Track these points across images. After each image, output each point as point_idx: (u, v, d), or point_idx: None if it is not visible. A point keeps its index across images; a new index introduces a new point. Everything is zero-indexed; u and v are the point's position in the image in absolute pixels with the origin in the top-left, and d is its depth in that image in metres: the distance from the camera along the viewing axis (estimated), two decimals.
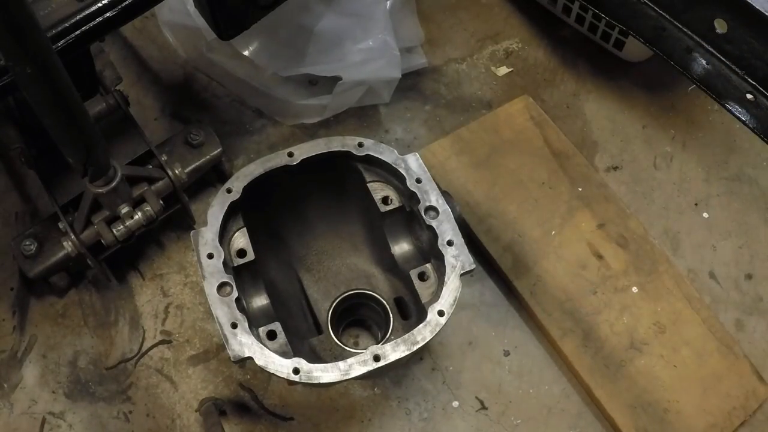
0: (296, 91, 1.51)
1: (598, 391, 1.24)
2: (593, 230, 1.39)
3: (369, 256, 1.27)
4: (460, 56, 1.66)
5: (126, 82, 1.50)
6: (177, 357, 1.29)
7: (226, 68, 1.49)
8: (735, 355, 1.28)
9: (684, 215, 1.48)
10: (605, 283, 1.33)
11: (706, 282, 1.40)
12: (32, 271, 1.22)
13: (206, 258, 1.00)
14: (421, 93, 1.60)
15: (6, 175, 1.46)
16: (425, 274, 1.10)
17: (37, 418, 1.24)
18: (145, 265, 1.38)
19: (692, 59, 1.01)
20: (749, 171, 1.53)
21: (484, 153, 1.46)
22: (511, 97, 1.57)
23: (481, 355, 1.31)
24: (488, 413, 1.26)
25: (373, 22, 1.44)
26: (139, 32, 1.66)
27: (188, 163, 1.32)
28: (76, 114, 0.92)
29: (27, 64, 0.81)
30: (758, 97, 0.95)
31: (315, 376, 0.93)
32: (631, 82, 1.63)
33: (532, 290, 1.32)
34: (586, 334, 1.28)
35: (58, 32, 0.97)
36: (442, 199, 1.07)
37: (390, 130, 1.55)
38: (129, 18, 1.03)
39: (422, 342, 0.96)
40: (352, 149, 1.10)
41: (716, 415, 1.22)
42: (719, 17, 0.95)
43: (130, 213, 1.18)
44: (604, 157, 1.54)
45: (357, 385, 1.27)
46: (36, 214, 1.41)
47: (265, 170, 1.08)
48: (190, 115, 1.55)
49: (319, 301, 1.25)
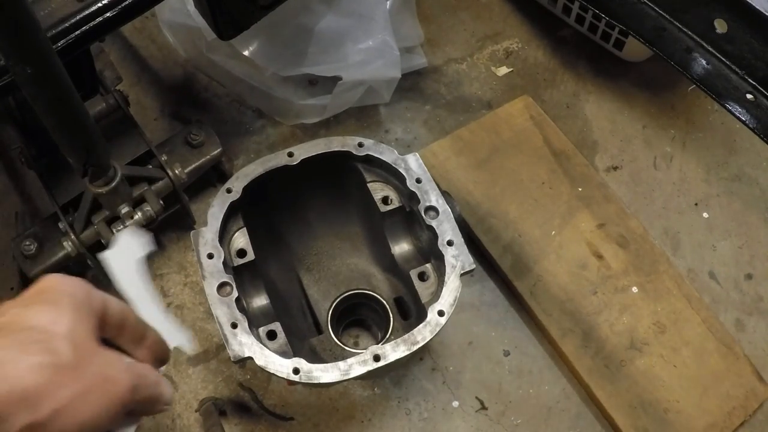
0: (296, 91, 1.51)
1: (598, 391, 1.24)
2: (593, 230, 1.39)
3: (369, 256, 1.27)
4: (460, 56, 1.67)
5: (126, 82, 1.50)
6: (177, 357, 1.29)
7: (226, 68, 1.49)
8: (735, 355, 1.28)
9: (684, 215, 1.48)
10: (605, 283, 1.33)
11: (706, 282, 1.40)
12: (32, 271, 1.22)
13: (206, 258, 1.00)
14: (421, 93, 1.60)
15: (6, 175, 1.46)
16: (425, 274, 1.10)
17: None
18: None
19: (692, 59, 1.01)
20: (749, 171, 1.53)
21: (484, 153, 1.46)
22: (511, 97, 1.57)
23: (481, 355, 1.31)
24: (488, 413, 1.26)
25: (373, 22, 1.44)
26: (139, 32, 1.66)
27: (188, 163, 1.32)
28: (76, 114, 0.92)
29: (27, 64, 0.80)
30: (758, 97, 0.95)
31: (315, 376, 0.92)
32: (631, 82, 1.63)
33: (532, 290, 1.32)
34: (586, 334, 1.28)
35: (58, 32, 0.97)
36: (442, 199, 1.07)
37: (390, 130, 1.55)
38: (129, 18, 1.03)
39: (422, 342, 0.96)
40: (352, 149, 1.10)
41: (716, 415, 1.22)
42: (719, 17, 0.95)
43: (130, 213, 1.18)
44: (604, 157, 1.54)
45: (357, 385, 1.27)
46: (36, 214, 1.41)
47: (265, 170, 1.08)
48: (190, 115, 1.55)
49: (319, 301, 1.25)
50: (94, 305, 0.58)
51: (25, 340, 0.52)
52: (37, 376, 0.50)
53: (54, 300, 0.56)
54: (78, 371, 0.53)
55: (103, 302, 0.59)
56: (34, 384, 0.50)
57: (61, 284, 0.58)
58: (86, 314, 0.57)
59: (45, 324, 0.54)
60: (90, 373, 0.53)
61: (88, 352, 0.54)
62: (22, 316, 0.54)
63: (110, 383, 0.54)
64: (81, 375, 0.53)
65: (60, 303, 0.56)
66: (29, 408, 0.50)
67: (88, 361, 0.53)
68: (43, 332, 0.53)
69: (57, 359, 0.52)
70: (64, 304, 0.56)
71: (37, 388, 0.50)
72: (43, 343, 0.52)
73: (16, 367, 0.50)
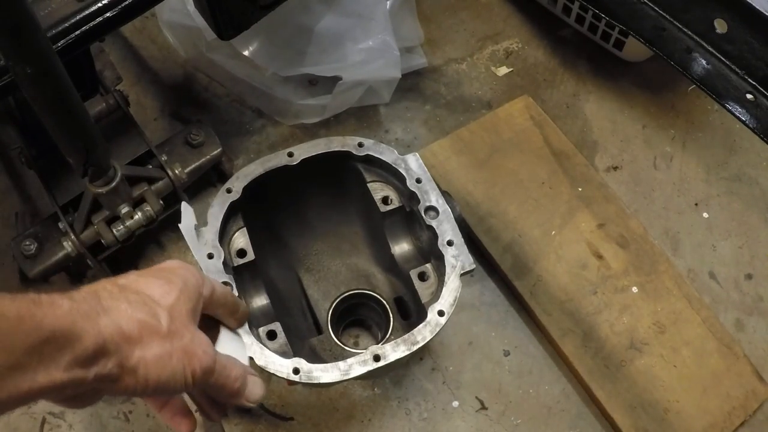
0: (296, 91, 1.51)
1: (598, 391, 1.24)
2: (593, 230, 1.39)
3: (369, 256, 1.27)
4: (460, 56, 1.67)
5: (126, 82, 1.50)
6: None
7: (226, 68, 1.49)
8: (735, 355, 1.28)
9: (684, 215, 1.48)
10: (605, 283, 1.33)
11: (706, 282, 1.40)
12: (32, 271, 1.22)
13: (206, 258, 1.00)
14: (421, 93, 1.60)
15: (6, 175, 1.46)
16: (425, 274, 1.10)
17: (37, 418, 1.24)
18: (145, 265, 1.37)
19: (692, 59, 1.01)
20: (749, 171, 1.53)
21: (484, 153, 1.46)
22: (511, 97, 1.57)
23: (481, 355, 1.31)
24: (488, 413, 1.26)
25: (373, 22, 1.44)
26: (139, 32, 1.66)
27: (188, 163, 1.32)
28: (76, 114, 0.92)
29: (27, 64, 0.81)
30: (758, 97, 0.95)
31: (315, 376, 0.92)
32: (631, 82, 1.63)
33: (532, 290, 1.32)
34: (586, 334, 1.28)
35: (58, 32, 0.97)
36: (442, 199, 1.07)
37: (390, 130, 1.55)
38: (129, 18, 1.03)
39: (422, 342, 0.96)
40: (352, 149, 1.10)
41: (716, 415, 1.22)
42: (719, 17, 0.95)
43: (130, 213, 1.18)
44: (604, 157, 1.54)
45: (357, 385, 1.27)
46: (36, 214, 1.41)
47: (265, 170, 1.08)
48: (190, 115, 1.55)
49: (319, 301, 1.25)
50: (202, 291, 0.72)
51: (136, 301, 0.63)
52: (137, 328, 0.61)
53: (168, 278, 0.69)
54: (167, 339, 0.63)
55: (211, 288, 0.75)
56: (134, 333, 0.61)
57: (178, 268, 0.72)
58: (190, 297, 0.69)
59: (154, 295, 0.66)
60: (177, 344, 0.64)
61: (181, 327, 0.65)
62: (139, 283, 0.67)
63: (189, 356, 0.65)
64: (169, 342, 0.63)
65: (172, 282, 0.68)
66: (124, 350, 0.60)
67: (178, 335, 0.65)
68: (151, 300, 0.65)
69: (155, 323, 0.63)
70: (174, 284, 0.68)
71: (134, 338, 0.61)
72: (148, 307, 0.64)
73: (125, 315, 0.61)
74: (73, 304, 0.57)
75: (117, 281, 0.66)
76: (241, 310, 0.83)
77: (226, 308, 0.79)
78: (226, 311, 0.79)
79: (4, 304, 0.52)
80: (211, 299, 0.75)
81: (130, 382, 0.61)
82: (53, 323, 0.54)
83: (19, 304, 0.53)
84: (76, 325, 0.56)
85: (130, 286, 0.66)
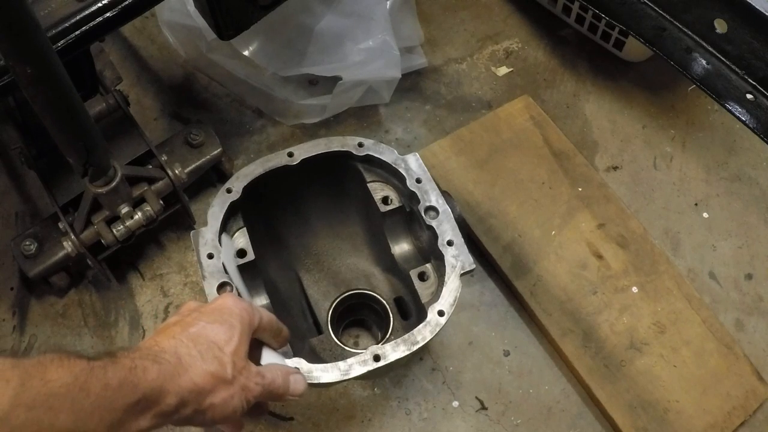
0: (296, 91, 1.51)
1: (598, 391, 1.24)
2: (593, 230, 1.39)
3: (369, 256, 1.27)
4: (460, 56, 1.67)
5: (126, 82, 1.50)
6: None
7: (226, 68, 1.49)
8: (735, 355, 1.28)
9: (684, 215, 1.48)
10: (605, 283, 1.33)
11: (706, 282, 1.40)
12: (32, 271, 1.22)
13: (206, 258, 1.00)
14: (421, 93, 1.60)
15: (6, 175, 1.46)
16: (425, 274, 1.10)
17: None
18: (145, 265, 1.38)
19: (692, 59, 1.01)
20: (749, 171, 1.53)
21: (484, 153, 1.46)
22: (511, 97, 1.57)
23: (481, 355, 1.31)
24: (488, 413, 1.26)
25: (373, 22, 1.44)
26: (139, 32, 1.66)
27: (188, 163, 1.32)
28: (76, 114, 0.92)
29: (27, 64, 0.81)
30: (758, 97, 0.95)
31: (315, 376, 0.92)
32: (631, 82, 1.63)
33: (532, 290, 1.32)
34: (586, 334, 1.28)
35: (58, 32, 0.97)
36: (442, 199, 1.07)
37: (390, 130, 1.55)
38: (129, 18, 1.03)
39: (422, 342, 0.96)
40: (352, 149, 1.10)
41: (716, 415, 1.22)
42: (719, 17, 0.95)
43: (130, 213, 1.18)
44: (604, 157, 1.54)
45: (357, 385, 1.27)
46: (36, 214, 1.41)
47: (265, 170, 1.08)
48: (190, 115, 1.55)
49: (319, 301, 1.25)
50: (253, 323, 0.83)
51: (206, 352, 0.75)
52: (210, 382, 0.74)
53: (230, 323, 0.79)
54: (231, 384, 0.76)
55: (259, 317, 0.85)
56: (207, 386, 0.74)
57: (234, 307, 0.82)
58: (247, 335, 0.81)
59: (221, 342, 0.77)
60: (237, 384, 0.77)
61: (240, 368, 0.78)
62: (207, 330, 0.78)
63: (246, 391, 0.78)
64: (232, 385, 0.76)
65: (233, 327, 0.79)
66: (198, 400, 0.74)
67: (238, 376, 0.77)
68: (218, 349, 0.76)
69: (222, 372, 0.75)
70: (235, 328, 0.79)
71: (206, 390, 0.74)
72: (218, 359, 0.76)
73: (200, 371, 0.74)
74: (161, 368, 0.70)
75: (189, 330, 0.77)
76: (284, 334, 0.92)
77: (270, 333, 0.89)
78: (271, 335, 0.89)
79: (108, 374, 0.65)
80: (259, 327, 0.85)
81: (198, 420, 0.76)
82: (145, 387, 0.68)
83: (120, 373, 0.66)
84: (163, 387, 0.70)
85: (201, 337, 0.77)
